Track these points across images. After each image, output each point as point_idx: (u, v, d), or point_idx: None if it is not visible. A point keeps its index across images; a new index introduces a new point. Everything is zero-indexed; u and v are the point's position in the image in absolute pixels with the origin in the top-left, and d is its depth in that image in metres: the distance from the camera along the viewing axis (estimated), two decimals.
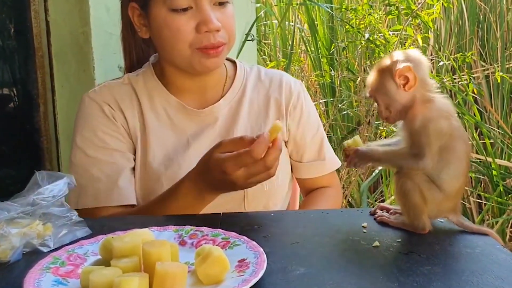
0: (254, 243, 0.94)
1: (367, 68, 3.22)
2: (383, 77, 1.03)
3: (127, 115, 1.38)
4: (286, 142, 1.49)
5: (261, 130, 1.42)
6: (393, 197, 2.97)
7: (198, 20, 1.29)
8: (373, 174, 3.16)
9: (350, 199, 3.17)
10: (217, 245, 0.95)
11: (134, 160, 1.38)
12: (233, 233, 0.99)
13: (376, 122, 2.92)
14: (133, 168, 1.38)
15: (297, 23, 3.79)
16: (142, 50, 1.50)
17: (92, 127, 1.36)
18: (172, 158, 1.37)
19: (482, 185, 3.36)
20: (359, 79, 2.98)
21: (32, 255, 0.95)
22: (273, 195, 1.42)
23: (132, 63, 1.51)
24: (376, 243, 0.98)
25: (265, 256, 0.88)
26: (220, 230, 1.01)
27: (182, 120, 1.41)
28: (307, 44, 3.70)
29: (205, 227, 1.02)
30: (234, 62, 1.53)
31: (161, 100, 1.41)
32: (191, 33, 1.30)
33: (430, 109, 1.01)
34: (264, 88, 1.50)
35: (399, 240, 1.00)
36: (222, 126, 1.42)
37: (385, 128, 2.73)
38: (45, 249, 0.97)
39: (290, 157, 1.51)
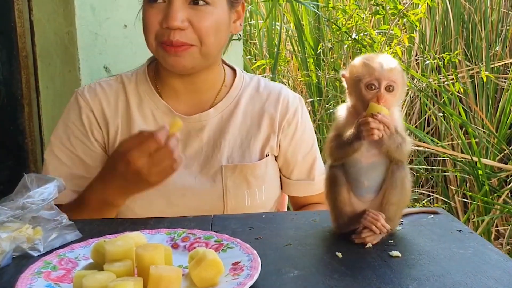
0: (248, 245, 0.94)
1: None
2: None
3: (109, 120, 1.37)
4: (276, 157, 1.46)
5: (251, 143, 1.40)
6: None
7: (164, 14, 1.27)
8: None
9: None
10: (210, 248, 0.95)
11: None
12: (226, 235, 0.99)
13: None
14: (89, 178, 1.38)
15: (284, 23, 3.79)
16: None
17: (68, 129, 1.38)
18: None
19: (467, 184, 3.39)
20: None
21: (22, 260, 0.94)
22: (255, 211, 1.37)
23: None
24: (369, 245, 0.98)
25: (259, 259, 0.88)
26: (213, 232, 1.01)
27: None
28: (293, 44, 3.71)
29: (197, 230, 1.02)
30: (235, 70, 1.49)
31: (150, 103, 1.39)
32: (157, 26, 1.28)
33: None
34: (260, 101, 1.45)
35: (392, 241, 1.01)
36: (211, 136, 1.39)
37: None
38: (35, 253, 0.96)
39: (280, 172, 1.48)
